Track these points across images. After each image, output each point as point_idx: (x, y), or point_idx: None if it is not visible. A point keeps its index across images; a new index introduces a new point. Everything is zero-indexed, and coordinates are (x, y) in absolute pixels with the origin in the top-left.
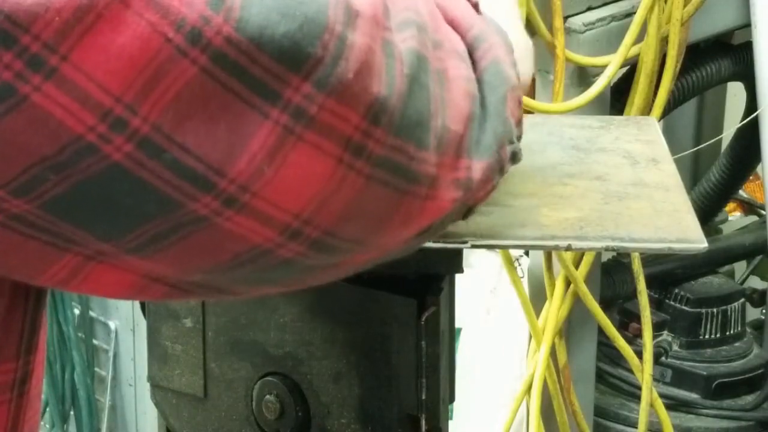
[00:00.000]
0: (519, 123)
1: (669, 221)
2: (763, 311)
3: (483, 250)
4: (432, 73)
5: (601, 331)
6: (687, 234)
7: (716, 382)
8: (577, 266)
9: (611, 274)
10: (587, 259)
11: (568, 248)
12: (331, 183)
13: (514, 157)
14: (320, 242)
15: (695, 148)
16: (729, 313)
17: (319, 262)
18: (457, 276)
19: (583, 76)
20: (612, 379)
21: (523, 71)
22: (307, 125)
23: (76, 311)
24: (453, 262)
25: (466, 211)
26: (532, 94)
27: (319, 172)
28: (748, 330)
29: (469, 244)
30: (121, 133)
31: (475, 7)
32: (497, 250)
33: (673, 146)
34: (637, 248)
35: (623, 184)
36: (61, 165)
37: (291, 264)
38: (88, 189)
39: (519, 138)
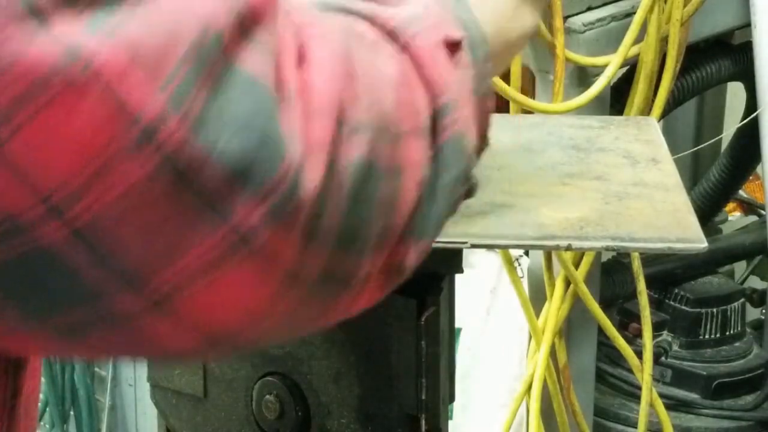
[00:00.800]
0: (469, 192)
1: (669, 221)
2: (763, 311)
3: (483, 250)
4: (381, 177)
5: (601, 331)
6: (687, 234)
7: (716, 382)
8: (577, 266)
9: (611, 274)
10: (587, 259)
11: (569, 248)
12: (266, 306)
13: (469, 194)
14: (243, 347)
15: (695, 148)
16: (729, 313)
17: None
18: (457, 276)
19: (583, 76)
20: (612, 379)
21: (526, 21)
22: (252, 250)
23: None
24: (453, 262)
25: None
26: (532, 94)
27: (255, 296)
28: (748, 330)
29: (469, 244)
30: (57, 219)
31: (458, 44)
32: (497, 250)
33: (673, 146)
34: (638, 248)
35: (623, 184)
36: None
37: (210, 359)
38: (16, 266)
39: (468, 192)
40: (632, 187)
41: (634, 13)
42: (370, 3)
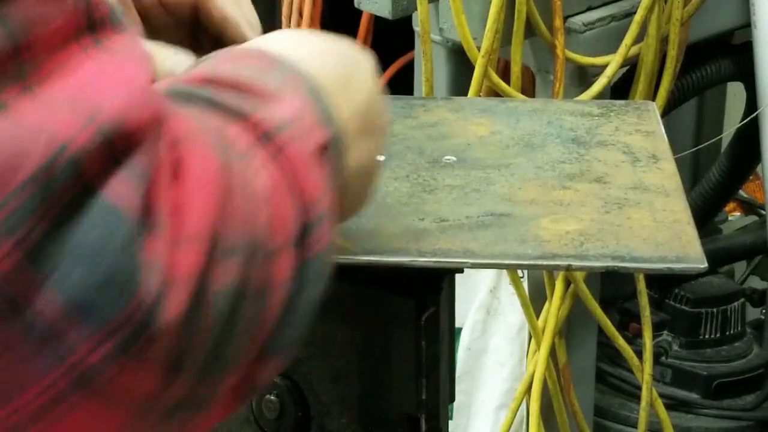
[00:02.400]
0: (333, 209)
1: (669, 235)
2: (763, 311)
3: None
4: (250, 299)
5: (601, 331)
6: (687, 251)
7: (716, 382)
8: None
9: (611, 274)
10: None
11: (569, 268)
12: None
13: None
14: None
15: (695, 148)
16: (729, 313)
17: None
18: (457, 276)
19: (583, 76)
20: (612, 379)
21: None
22: (99, 386)
23: None
24: None
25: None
26: (532, 93)
27: (99, 429)
28: (748, 330)
29: (469, 264)
30: None
31: (326, 146)
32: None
33: (673, 146)
34: (638, 269)
35: (623, 188)
36: None
37: None
38: None
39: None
40: (632, 192)
41: (634, 13)
42: (235, 95)
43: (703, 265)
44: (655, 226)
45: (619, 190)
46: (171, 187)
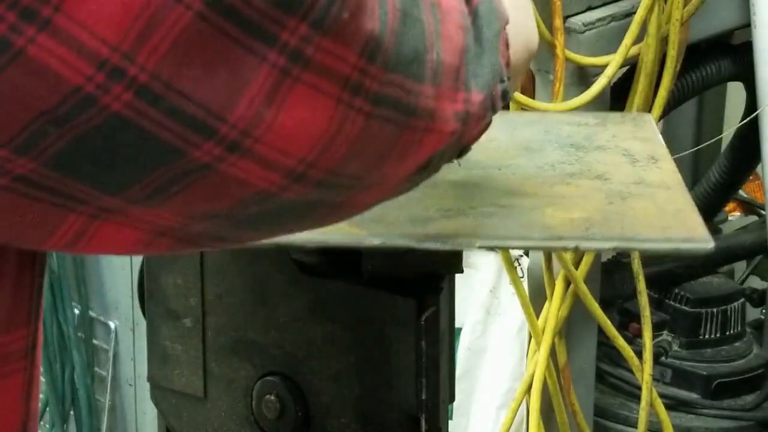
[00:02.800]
0: (508, 65)
1: (674, 221)
2: (763, 311)
3: (483, 250)
4: (425, 6)
5: (601, 331)
6: (693, 234)
7: (716, 382)
8: (576, 266)
9: (611, 274)
10: (587, 259)
11: (576, 249)
12: (332, 124)
13: (505, 96)
14: (324, 182)
15: (695, 148)
16: (729, 313)
17: (323, 198)
18: (457, 276)
19: (583, 76)
20: (612, 379)
21: (530, 27)
22: (304, 67)
23: (76, 311)
24: (453, 262)
25: (460, 150)
26: (532, 93)
27: (319, 114)
28: (748, 330)
29: (476, 245)
30: (119, 82)
31: None
32: (497, 250)
33: (673, 146)
34: (645, 249)
35: (625, 183)
36: (61, 118)
37: (295, 203)
38: (90, 142)
39: (509, 79)
40: (634, 186)
41: (634, 13)
42: None
43: (711, 245)
44: (660, 214)
45: (620, 185)
46: None
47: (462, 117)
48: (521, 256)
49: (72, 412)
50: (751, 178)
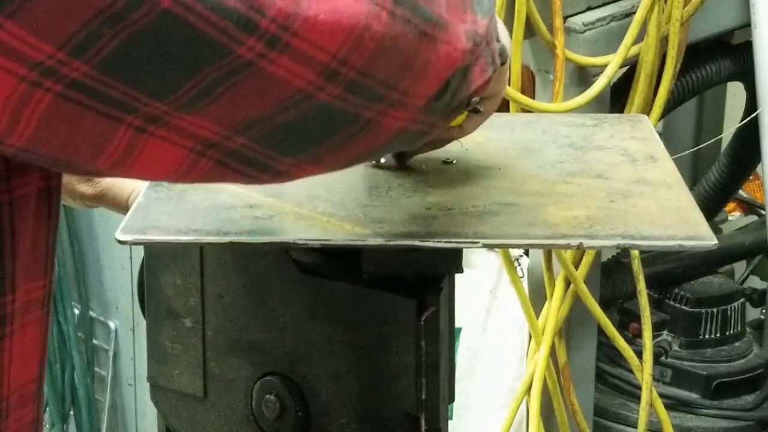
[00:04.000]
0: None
1: (676, 219)
2: (763, 311)
3: (483, 250)
4: None
5: (601, 331)
6: (696, 231)
7: (716, 382)
8: (576, 266)
9: (611, 274)
10: (587, 259)
11: (580, 247)
12: (362, 19)
13: (503, 53)
14: (355, 83)
15: (695, 148)
16: (729, 313)
17: (354, 109)
18: (457, 276)
19: (583, 76)
20: (612, 379)
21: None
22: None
23: (76, 311)
24: (453, 262)
25: (468, 100)
26: (531, 93)
27: (351, 9)
28: (748, 330)
29: (480, 244)
30: None
31: None
32: (497, 249)
33: (673, 146)
34: (649, 246)
35: (625, 182)
36: (114, 17)
37: (329, 111)
38: (141, 41)
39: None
40: (635, 185)
41: (634, 13)
42: None
43: (714, 241)
44: (662, 211)
45: (621, 183)
46: None
47: (472, 35)
48: (521, 256)
49: (72, 412)
50: (751, 178)
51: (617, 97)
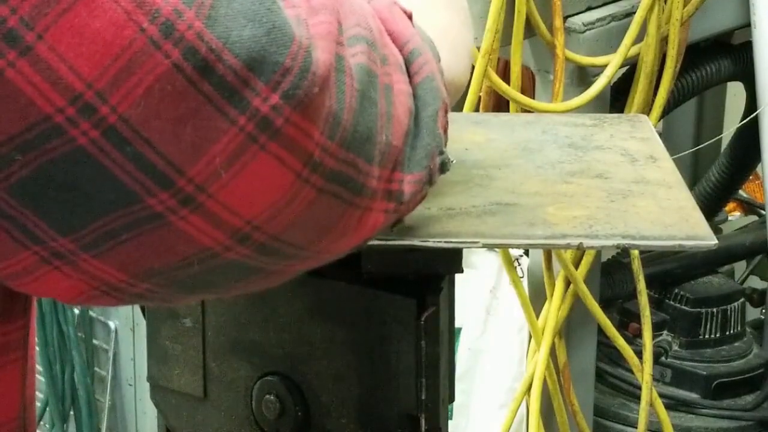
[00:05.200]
0: (445, 131)
1: (676, 218)
2: (763, 311)
3: (483, 250)
4: (380, 88)
5: (601, 331)
6: (696, 231)
7: (716, 382)
8: (576, 266)
9: (611, 274)
10: (587, 259)
11: (580, 246)
12: (286, 194)
13: (443, 167)
14: (267, 246)
15: (695, 148)
16: (729, 313)
17: (261, 265)
18: (457, 276)
19: (583, 76)
20: (612, 379)
21: (460, 69)
22: (271, 137)
23: (76, 311)
24: (453, 262)
25: (395, 222)
26: (531, 93)
27: (277, 184)
28: (748, 330)
29: (480, 244)
30: (89, 119)
31: (410, 17)
32: (497, 250)
33: (673, 146)
34: (649, 246)
35: (626, 181)
36: (28, 144)
37: (235, 266)
38: (53, 172)
39: (445, 145)
40: (635, 185)
41: (634, 13)
42: None
43: (714, 242)
44: (662, 211)
45: (621, 183)
46: None
47: (396, 197)
48: (521, 256)
49: (72, 412)
50: (751, 178)
51: (617, 97)
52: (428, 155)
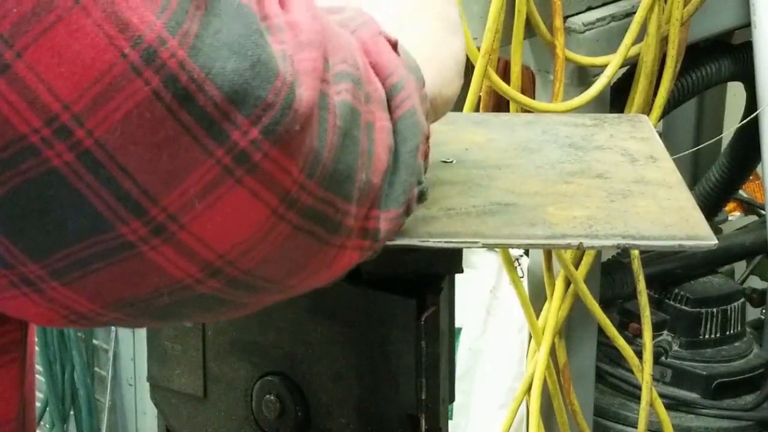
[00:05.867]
0: (426, 158)
1: (676, 218)
2: (763, 311)
3: (483, 250)
4: (363, 126)
5: (601, 331)
6: (696, 231)
7: (716, 382)
8: (577, 266)
9: (611, 274)
10: (587, 259)
11: (580, 246)
12: (261, 230)
13: (421, 197)
14: (238, 281)
15: (695, 148)
16: (729, 313)
17: (231, 298)
18: (457, 276)
19: (583, 76)
20: (612, 379)
21: (446, 80)
22: (248, 171)
23: None
24: (453, 262)
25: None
26: (531, 93)
27: (251, 218)
28: (748, 330)
29: (480, 244)
30: (64, 141)
31: (394, 46)
32: (497, 250)
33: (673, 146)
34: (649, 246)
35: (626, 181)
36: (2, 164)
37: (206, 298)
38: (25, 193)
39: (425, 171)
40: (635, 185)
41: (634, 13)
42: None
43: (714, 242)
44: (662, 211)
45: (621, 183)
46: (279, 5)
47: (372, 235)
48: (521, 256)
49: (72, 412)
50: (751, 178)
51: (617, 97)
52: (405, 191)
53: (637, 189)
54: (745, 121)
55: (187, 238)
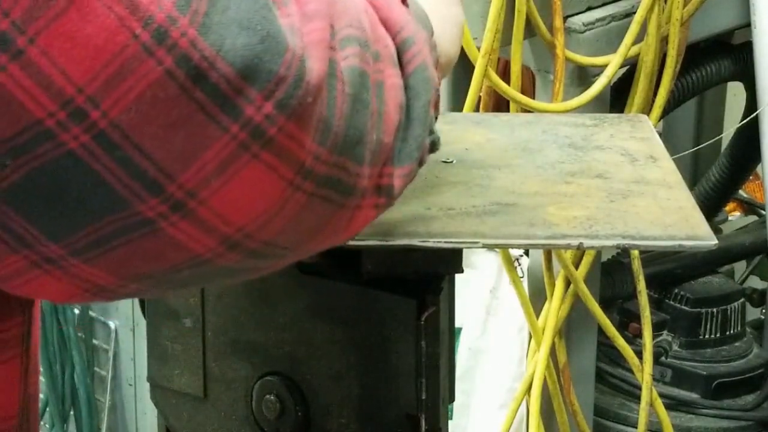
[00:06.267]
0: (436, 107)
1: (676, 219)
2: (763, 311)
3: (483, 250)
4: (372, 87)
5: (601, 331)
6: (696, 231)
7: (716, 382)
8: (576, 266)
9: (611, 274)
10: (587, 259)
11: (580, 246)
12: (278, 202)
13: (434, 146)
14: (257, 252)
15: (695, 148)
16: (729, 313)
17: (249, 266)
18: (457, 276)
19: (583, 76)
20: (612, 379)
21: (450, 45)
22: (264, 145)
23: (76, 311)
24: (453, 262)
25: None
26: (531, 93)
27: (268, 192)
28: (748, 330)
29: (480, 244)
30: (79, 124)
31: (403, 1)
32: (497, 250)
33: (673, 146)
34: (649, 246)
35: (625, 181)
36: (18, 149)
37: (225, 269)
38: (42, 177)
39: (436, 119)
40: (635, 185)
41: (634, 12)
42: None
43: (714, 242)
44: (662, 211)
45: (621, 183)
46: None
47: (386, 191)
48: (521, 256)
49: (72, 412)
50: (751, 178)
51: (617, 97)
52: (419, 146)
53: (637, 189)
54: (745, 121)
55: (206, 213)
